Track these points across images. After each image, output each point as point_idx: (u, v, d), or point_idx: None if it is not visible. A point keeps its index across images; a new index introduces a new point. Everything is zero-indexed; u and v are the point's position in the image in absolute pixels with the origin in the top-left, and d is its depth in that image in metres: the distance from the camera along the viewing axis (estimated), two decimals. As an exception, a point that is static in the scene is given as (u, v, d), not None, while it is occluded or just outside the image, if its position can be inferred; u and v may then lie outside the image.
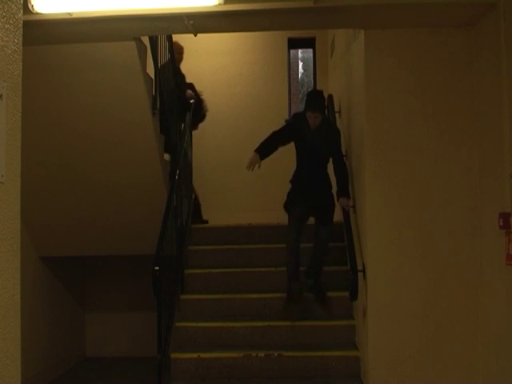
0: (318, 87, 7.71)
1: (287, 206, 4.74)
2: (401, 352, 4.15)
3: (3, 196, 1.66)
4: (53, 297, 6.25)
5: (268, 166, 6.85)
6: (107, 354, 7.01)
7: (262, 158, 4.67)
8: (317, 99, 4.72)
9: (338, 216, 4.64)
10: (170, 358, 4.61)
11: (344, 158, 4.94)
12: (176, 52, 6.09)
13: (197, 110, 6.25)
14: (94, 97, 4.75)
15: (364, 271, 4.30)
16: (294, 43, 7.83)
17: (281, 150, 4.80)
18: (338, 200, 4.72)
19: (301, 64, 18.39)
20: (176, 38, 5.95)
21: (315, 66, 7.85)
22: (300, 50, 13.00)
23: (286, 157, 4.92)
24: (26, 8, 3.41)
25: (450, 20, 4.03)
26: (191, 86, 6.39)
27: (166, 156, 5.53)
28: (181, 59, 6.31)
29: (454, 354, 4.11)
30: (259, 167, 4.66)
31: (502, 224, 3.51)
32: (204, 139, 7.00)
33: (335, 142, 4.85)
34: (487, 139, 3.91)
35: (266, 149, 4.72)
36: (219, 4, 3.55)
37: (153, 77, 5.11)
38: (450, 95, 4.16)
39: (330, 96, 5.99)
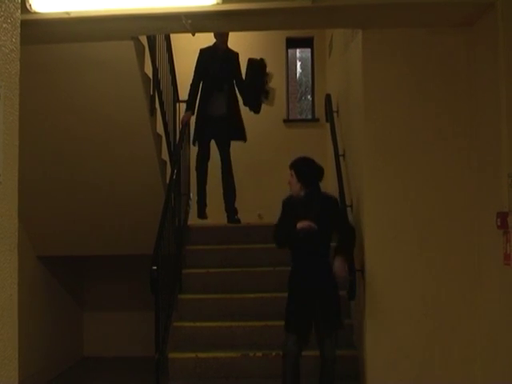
0: (316, 87, 7.71)
1: (288, 326, 4.03)
2: (399, 352, 4.15)
3: (1, 195, 1.66)
4: (51, 296, 6.24)
5: (268, 165, 6.84)
6: (105, 353, 6.99)
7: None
8: (297, 159, 4.13)
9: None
10: (168, 357, 4.61)
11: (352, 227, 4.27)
12: (218, 35, 5.97)
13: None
14: (91, 96, 4.75)
15: (362, 271, 4.31)
16: (292, 43, 7.83)
17: (280, 149, 4.77)
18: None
19: (299, 63, 18.37)
20: (173, 36, 5.94)
21: (313, 65, 7.86)
22: (298, 50, 12.98)
23: (286, 157, 4.90)
24: (24, 7, 3.40)
25: (449, 20, 4.03)
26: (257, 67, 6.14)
27: None
28: (225, 41, 6.09)
29: (451, 353, 4.11)
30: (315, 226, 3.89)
31: (499, 224, 3.51)
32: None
33: (334, 211, 4.10)
34: (485, 139, 3.91)
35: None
36: (217, 3, 3.55)
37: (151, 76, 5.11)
38: (449, 95, 4.16)
39: (328, 96, 5.99)
